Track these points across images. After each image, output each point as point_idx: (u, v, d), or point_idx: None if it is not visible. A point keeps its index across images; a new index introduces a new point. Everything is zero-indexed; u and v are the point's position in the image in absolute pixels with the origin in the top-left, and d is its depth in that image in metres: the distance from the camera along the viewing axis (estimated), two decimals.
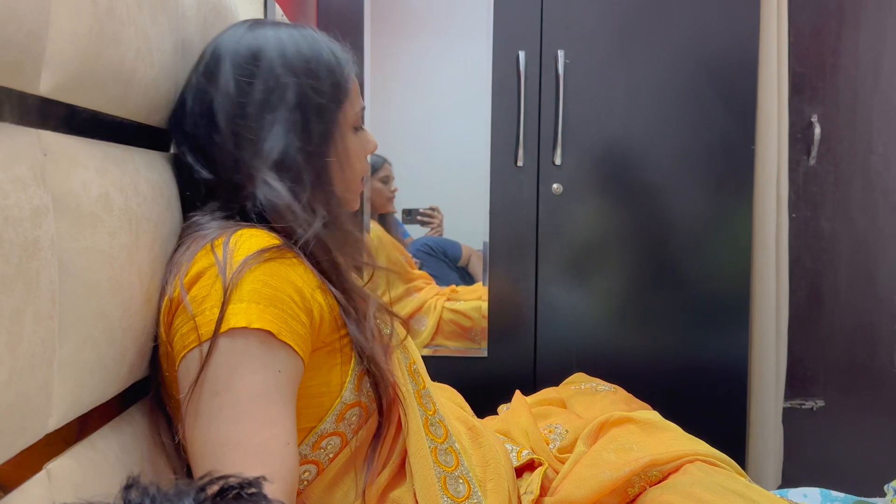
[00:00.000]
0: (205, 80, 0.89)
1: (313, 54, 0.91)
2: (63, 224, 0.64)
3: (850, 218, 2.23)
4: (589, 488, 0.99)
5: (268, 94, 0.87)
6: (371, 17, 1.83)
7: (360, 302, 0.89)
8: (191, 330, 0.76)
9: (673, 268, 1.87)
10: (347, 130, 0.94)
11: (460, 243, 1.96)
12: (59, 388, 0.64)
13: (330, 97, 0.91)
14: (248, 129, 0.87)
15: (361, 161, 0.99)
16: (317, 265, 0.85)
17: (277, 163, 0.86)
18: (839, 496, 1.22)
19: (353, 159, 0.96)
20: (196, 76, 0.90)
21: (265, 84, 0.87)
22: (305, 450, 0.85)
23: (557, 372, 1.66)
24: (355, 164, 0.97)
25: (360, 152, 0.98)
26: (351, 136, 0.95)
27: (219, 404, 0.74)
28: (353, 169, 0.96)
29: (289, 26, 0.93)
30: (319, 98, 0.89)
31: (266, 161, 0.86)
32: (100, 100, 0.74)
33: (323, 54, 0.92)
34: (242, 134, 0.87)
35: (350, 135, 0.95)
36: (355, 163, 0.97)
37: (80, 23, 0.66)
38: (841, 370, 2.26)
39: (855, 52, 2.20)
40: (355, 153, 0.97)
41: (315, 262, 0.85)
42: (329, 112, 0.91)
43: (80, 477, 0.68)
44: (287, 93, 0.88)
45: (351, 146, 0.95)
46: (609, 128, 1.84)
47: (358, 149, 0.97)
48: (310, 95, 0.89)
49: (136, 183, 0.78)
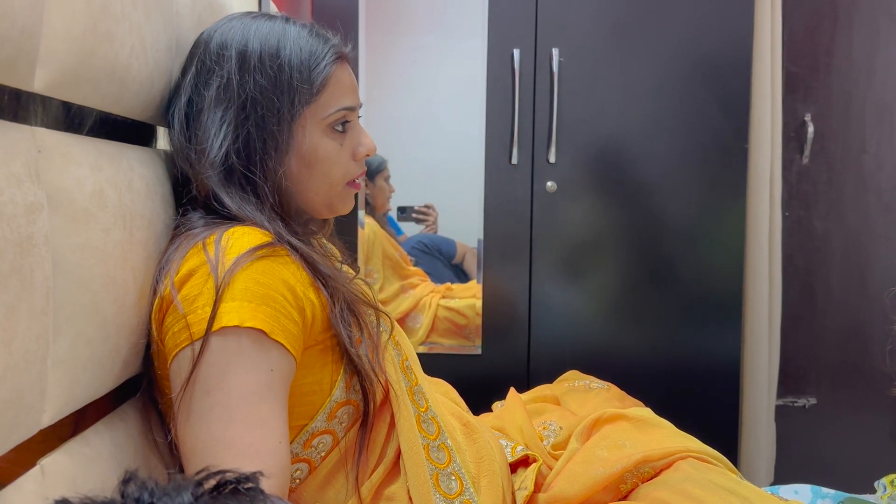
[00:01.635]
0: (180, 74, 0.90)
1: (275, 50, 0.86)
2: (57, 220, 0.64)
3: (843, 217, 2.24)
4: (582, 484, 1.00)
5: (218, 93, 0.85)
6: (366, 15, 1.83)
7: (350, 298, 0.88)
8: (182, 329, 0.76)
9: (666, 266, 1.88)
10: (316, 130, 0.88)
11: (455, 241, 1.96)
12: (53, 384, 0.65)
13: (288, 96, 0.85)
14: (198, 128, 0.86)
15: (341, 164, 0.91)
16: (308, 262, 0.85)
17: (224, 166, 0.84)
18: (830, 493, 1.23)
19: (326, 162, 0.89)
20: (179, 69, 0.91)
21: (220, 82, 0.85)
22: (297, 448, 0.86)
23: (551, 370, 1.67)
24: (330, 168, 0.90)
25: (336, 154, 0.90)
26: (321, 137, 0.89)
27: (210, 403, 0.74)
28: (326, 172, 0.90)
29: (270, 19, 0.90)
30: (274, 97, 0.85)
31: (212, 165, 0.84)
32: (94, 97, 0.74)
33: (286, 50, 0.86)
34: (193, 134, 0.86)
35: (321, 136, 0.89)
36: (330, 166, 0.90)
37: (74, 20, 0.66)
38: (833, 368, 2.27)
39: (848, 52, 2.20)
40: (328, 155, 0.89)
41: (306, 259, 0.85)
42: (284, 112, 0.85)
43: (74, 473, 0.69)
44: (235, 91, 0.85)
45: (322, 148, 0.89)
46: (603, 126, 1.84)
47: (333, 152, 0.90)
48: (262, 94, 0.85)
49: (130, 180, 0.78)
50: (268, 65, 0.85)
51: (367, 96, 1.85)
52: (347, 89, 0.91)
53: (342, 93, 0.90)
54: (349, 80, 0.92)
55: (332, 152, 0.90)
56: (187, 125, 0.87)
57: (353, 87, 0.93)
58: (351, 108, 0.91)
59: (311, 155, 0.89)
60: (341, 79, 0.91)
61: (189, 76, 0.88)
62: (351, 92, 0.92)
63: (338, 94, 0.90)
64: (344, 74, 0.91)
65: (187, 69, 0.89)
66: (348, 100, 0.91)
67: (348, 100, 0.91)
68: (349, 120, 0.92)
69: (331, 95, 0.89)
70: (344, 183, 0.93)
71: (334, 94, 0.89)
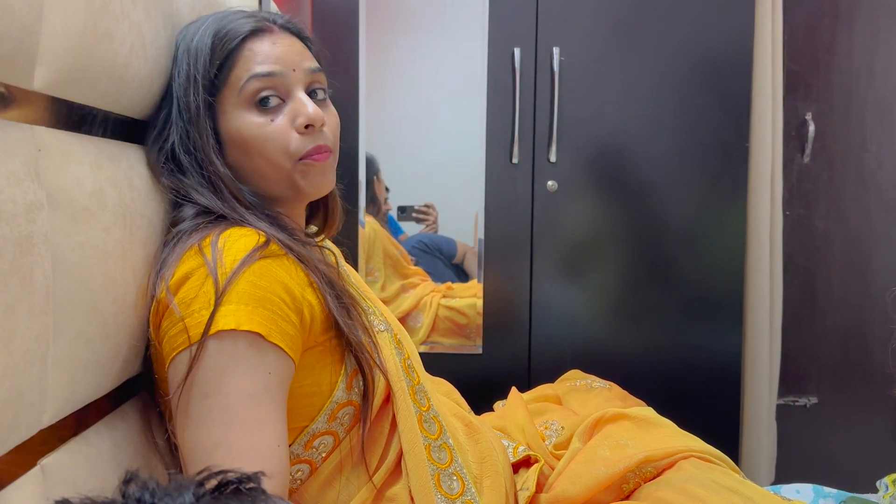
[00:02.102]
0: None
1: (191, 41, 0.86)
2: (57, 219, 0.64)
3: (844, 216, 2.24)
4: (584, 485, 0.99)
5: (165, 94, 0.88)
6: (366, 14, 1.83)
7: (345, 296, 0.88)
8: (180, 332, 0.75)
9: (667, 265, 1.88)
10: (237, 112, 0.84)
11: (455, 240, 1.96)
12: (53, 384, 0.64)
13: (194, 86, 0.83)
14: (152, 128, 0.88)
15: (277, 139, 0.84)
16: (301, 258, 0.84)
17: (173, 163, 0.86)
18: (832, 492, 1.22)
19: (256, 141, 0.84)
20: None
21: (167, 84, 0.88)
22: (298, 449, 0.85)
23: (552, 369, 1.67)
24: (263, 146, 0.84)
25: (265, 131, 0.84)
26: (243, 117, 0.84)
27: (209, 406, 0.74)
28: (262, 152, 0.85)
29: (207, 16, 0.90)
30: (187, 90, 0.84)
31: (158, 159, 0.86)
32: (94, 95, 0.74)
33: (198, 36, 0.85)
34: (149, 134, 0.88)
35: (242, 115, 0.84)
36: (263, 144, 0.84)
37: (73, 18, 0.66)
38: (834, 367, 2.26)
39: (849, 51, 2.20)
40: (254, 134, 0.84)
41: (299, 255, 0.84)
42: (198, 102, 0.83)
43: (74, 472, 0.68)
44: (174, 89, 0.86)
45: (245, 127, 0.84)
46: (604, 125, 1.84)
47: (259, 129, 0.84)
48: (182, 89, 0.85)
49: (130, 178, 0.78)
50: (183, 58, 0.86)
51: (367, 96, 1.85)
52: (264, 59, 0.84)
53: (256, 63, 0.84)
54: (269, 49, 0.85)
55: (259, 130, 0.84)
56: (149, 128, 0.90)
57: (271, 55, 0.85)
58: (268, 73, 0.84)
59: (238, 137, 0.85)
60: (256, 49, 0.85)
61: None
62: (269, 60, 0.85)
63: (249, 65, 0.84)
64: (261, 45, 0.85)
65: None
66: (264, 67, 0.84)
67: (264, 67, 0.84)
68: (276, 92, 0.85)
69: (242, 69, 0.84)
70: (294, 159, 0.86)
71: (245, 66, 0.84)
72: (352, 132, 1.82)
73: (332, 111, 0.92)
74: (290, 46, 0.87)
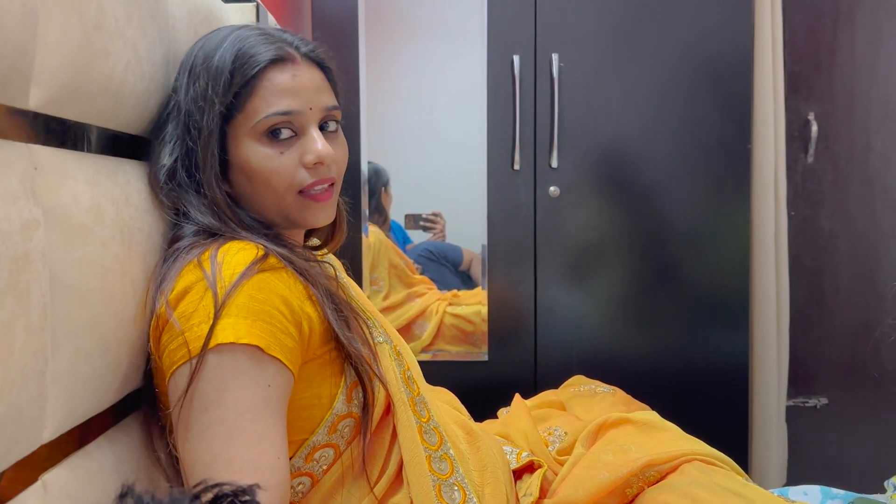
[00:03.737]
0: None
1: (210, 59, 0.84)
2: (54, 236, 0.65)
3: (849, 215, 2.23)
4: (587, 490, 0.99)
5: (171, 109, 0.86)
6: (365, 24, 1.84)
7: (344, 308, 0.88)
8: (180, 346, 0.76)
9: (672, 268, 1.87)
10: (248, 140, 0.84)
11: (461, 248, 1.96)
12: (53, 400, 0.65)
13: (210, 106, 0.82)
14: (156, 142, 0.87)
15: (283, 173, 0.84)
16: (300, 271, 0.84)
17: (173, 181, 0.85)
18: (839, 493, 1.22)
19: (262, 172, 0.84)
20: None
21: (173, 96, 0.87)
22: (298, 462, 0.85)
23: (558, 375, 1.66)
24: (269, 178, 0.84)
25: (272, 164, 0.84)
26: (254, 146, 0.84)
27: (208, 420, 0.74)
28: (266, 183, 0.85)
29: (233, 27, 0.89)
30: (203, 107, 0.82)
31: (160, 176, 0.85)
32: (90, 113, 0.74)
33: (214, 59, 0.83)
34: (153, 148, 0.87)
35: (254, 145, 0.84)
36: (268, 175, 0.84)
37: (68, 37, 0.66)
38: (843, 367, 2.25)
39: (851, 50, 2.19)
40: (261, 166, 0.84)
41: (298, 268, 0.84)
42: (211, 123, 0.82)
43: (76, 487, 0.69)
44: (181, 106, 0.85)
45: (255, 157, 0.84)
46: (605, 130, 1.84)
47: (267, 161, 0.84)
48: (194, 108, 0.83)
49: (127, 194, 0.79)
50: (201, 75, 0.84)
51: (367, 104, 1.86)
52: (283, 93, 0.84)
53: (275, 97, 0.83)
54: (288, 83, 0.84)
55: (267, 162, 0.84)
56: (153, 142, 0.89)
57: (292, 91, 0.84)
58: (285, 112, 0.83)
59: (246, 166, 0.84)
60: (276, 82, 0.84)
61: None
62: (288, 95, 0.84)
63: (269, 98, 0.83)
64: (281, 77, 0.84)
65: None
66: (282, 104, 0.83)
67: (282, 104, 0.83)
68: (290, 127, 0.85)
69: (261, 100, 0.83)
70: (294, 193, 0.86)
71: (265, 98, 0.83)
72: (353, 142, 1.82)
73: (340, 142, 0.91)
74: (311, 81, 0.86)
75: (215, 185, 0.84)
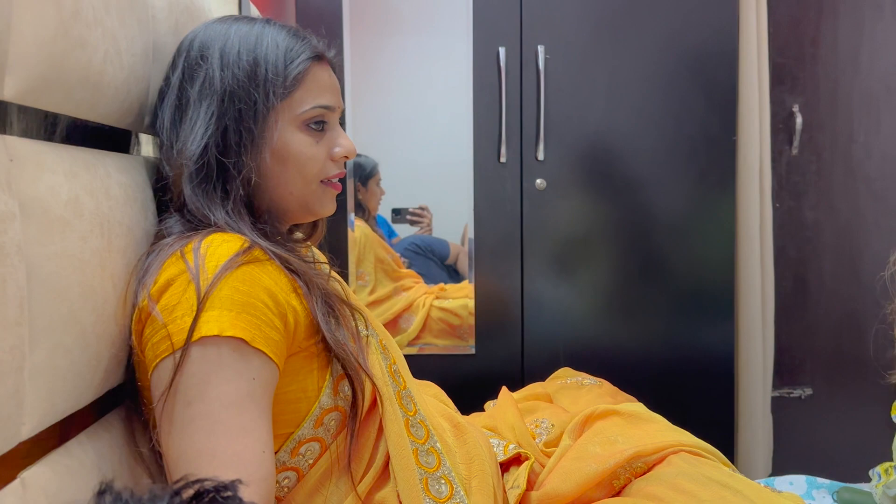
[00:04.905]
0: (164, 80, 0.91)
1: (252, 46, 0.88)
2: (31, 229, 0.63)
3: (833, 206, 2.24)
4: (574, 481, 0.99)
5: (201, 89, 0.87)
6: (350, 16, 1.83)
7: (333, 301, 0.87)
8: (163, 339, 0.75)
9: (658, 260, 1.88)
10: (290, 126, 0.89)
11: (448, 241, 1.95)
12: (31, 396, 0.64)
13: (263, 90, 0.86)
14: (182, 124, 0.87)
15: (316, 161, 0.91)
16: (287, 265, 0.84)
17: (201, 159, 0.85)
18: (825, 482, 1.23)
19: (299, 157, 0.89)
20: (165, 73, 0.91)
21: (203, 78, 0.87)
22: (284, 456, 0.85)
23: (545, 367, 1.66)
24: (304, 164, 0.90)
25: (310, 151, 0.90)
26: (295, 133, 0.89)
27: (192, 414, 0.73)
28: (299, 169, 0.90)
29: (250, 21, 0.91)
30: (250, 90, 0.86)
31: (190, 158, 0.85)
32: (68, 103, 0.73)
33: (262, 46, 0.88)
34: (177, 129, 0.87)
35: (294, 131, 0.89)
36: (305, 162, 0.90)
37: (43, 26, 0.65)
38: (828, 358, 2.27)
39: (834, 42, 2.20)
40: (301, 152, 0.89)
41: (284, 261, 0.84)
42: (260, 105, 0.86)
43: (56, 485, 0.68)
44: (217, 86, 0.86)
45: (294, 144, 0.89)
46: (591, 122, 1.84)
47: (306, 148, 0.90)
48: (240, 87, 0.86)
49: (107, 187, 0.78)
50: (245, 59, 0.87)
51: (353, 99, 1.85)
52: (325, 88, 0.92)
53: (319, 91, 0.91)
54: (328, 80, 0.93)
55: (306, 148, 0.90)
56: (172, 125, 0.88)
57: (331, 88, 0.93)
58: (328, 106, 0.91)
59: (284, 150, 0.89)
60: (319, 77, 0.91)
61: (174, 78, 0.89)
62: (329, 91, 0.92)
63: (314, 91, 0.90)
64: (322, 74, 0.92)
65: (172, 72, 0.90)
66: (325, 98, 0.91)
67: (325, 98, 0.91)
68: (326, 120, 0.92)
69: (307, 92, 0.90)
70: (318, 181, 0.92)
71: (310, 91, 0.90)
72: None
73: None
74: (336, 83, 0.96)
75: (252, 164, 0.87)
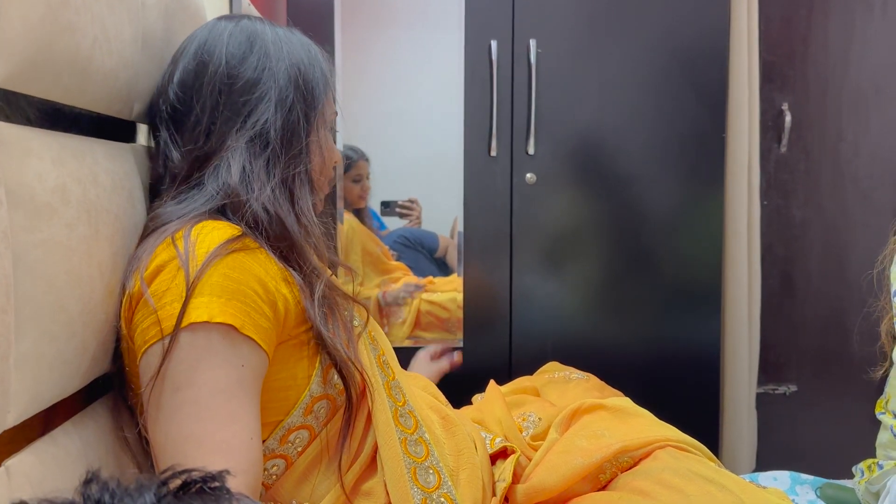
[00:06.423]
0: (194, 63, 0.89)
1: (307, 44, 0.94)
2: (17, 216, 0.63)
3: (821, 205, 2.25)
4: (561, 475, 0.99)
5: (261, 72, 0.88)
6: (341, 10, 1.82)
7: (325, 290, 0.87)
8: (152, 324, 0.75)
9: (646, 256, 1.88)
10: (321, 126, 0.95)
11: (438, 234, 1.95)
12: (17, 384, 0.63)
13: (321, 85, 0.93)
14: (234, 101, 0.87)
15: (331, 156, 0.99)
16: (279, 252, 0.84)
17: (257, 134, 0.87)
18: (808, 478, 1.24)
19: (331, 155, 0.98)
20: (184, 60, 0.89)
21: (258, 62, 0.88)
22: (273, 444, 0.85)
23: (533, 361, 1.66)
24: (329, 162, 0.98)
25: (335, 153, 1.00)
26: (325, 133, 0.96)
27: (180, 400, 0.73)
28: (330, 164, 0.98)
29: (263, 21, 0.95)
30: (310, 82, 0.91)
31: (244, 131, 0.86)
32: (56, 89, 0.72)
33: (314, 48, 0.95)
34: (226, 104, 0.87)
35: (324, 132, 0.96)
36: (330, 161, 0.98)
37: (31, 10, 0.64)
38: (813, 355, 2.28)
39: (824, 41, 2.21)
40: (332, 149, 0.98)
41: (277, 249, 0.84)
42: (317, 98, 0.92)
43: (41, 473, 0.67)
44: (279, 72, 0.89)
45: (326, 142, 0.96)
46: (582, 117, 1.84)
47: (333, 147, 0.99)
48: (302, 79, 0.90)
49: (95, 174, 0.77)
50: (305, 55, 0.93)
51: (344, 92, 1.84)
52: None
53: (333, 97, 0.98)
54: None
55: (334, 150, 0.99)
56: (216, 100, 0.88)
57: None
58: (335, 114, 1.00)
59: (325, 145, 0.96)
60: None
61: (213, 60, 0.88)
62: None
63: (332, 97, 0.97)
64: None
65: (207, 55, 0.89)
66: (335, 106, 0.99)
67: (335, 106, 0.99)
68: None
69: (330, 98, 0.97)
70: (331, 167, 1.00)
71: (331, 97, 0.97)
72: None
73: None
74: None
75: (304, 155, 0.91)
